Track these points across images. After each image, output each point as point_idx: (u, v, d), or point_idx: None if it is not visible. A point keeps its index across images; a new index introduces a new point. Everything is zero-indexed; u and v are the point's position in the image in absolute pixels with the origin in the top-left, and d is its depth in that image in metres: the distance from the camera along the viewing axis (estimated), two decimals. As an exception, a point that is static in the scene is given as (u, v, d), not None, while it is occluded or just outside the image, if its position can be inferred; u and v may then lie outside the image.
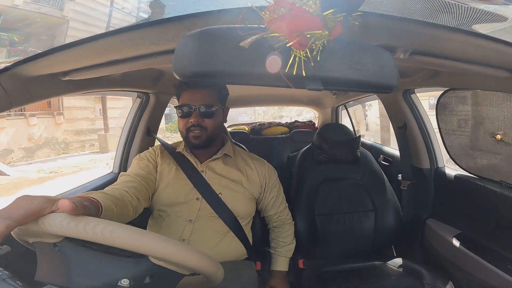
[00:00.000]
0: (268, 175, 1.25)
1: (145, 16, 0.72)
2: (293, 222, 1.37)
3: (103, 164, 9.07)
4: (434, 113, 1.47)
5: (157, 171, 1.16)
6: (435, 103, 1.44)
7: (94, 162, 9.58)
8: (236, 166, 1.21)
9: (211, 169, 1.17)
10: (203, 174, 1.15)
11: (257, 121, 4.86)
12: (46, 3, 0.76)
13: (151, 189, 1.11)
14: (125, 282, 0.58)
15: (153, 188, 1.13)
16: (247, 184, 1.19)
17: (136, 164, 1.15)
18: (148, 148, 1.26)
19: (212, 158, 1.18)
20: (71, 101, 11.43)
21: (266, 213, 1.30)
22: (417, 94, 1.65)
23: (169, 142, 1.30)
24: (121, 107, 12.79)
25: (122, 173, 1.11)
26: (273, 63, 0.51)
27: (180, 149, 1.19)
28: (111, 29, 0.72)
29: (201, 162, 1.18)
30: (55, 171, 8.34)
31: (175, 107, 1.14)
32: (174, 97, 1.87)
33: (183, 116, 1.11)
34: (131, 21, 0.73)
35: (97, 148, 11.43)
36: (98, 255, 0.61)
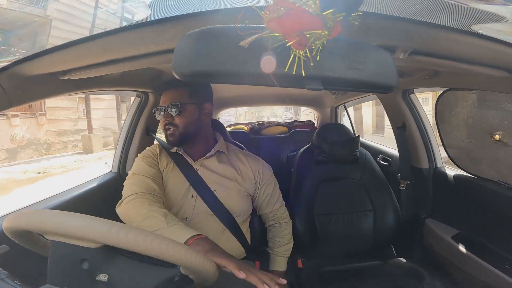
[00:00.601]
0: (262, 172, 1.25)
1: (129, 16, 0.72)
2: (290, 221, 1.36)
3: (89, 165, 9.08)
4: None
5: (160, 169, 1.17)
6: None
7: (80, 162, 9.54)
8: (230, 163, 1.21)
9: (205, 167, 1.17)
10: (197, 172, 1.16)
11: (240, 121, 4.87)
12: (30, 3, 0.75)
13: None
14: None
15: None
16: (241, 180, 1.19)
17: (144, 163, 1.13)
18: (147, 147, 1.26)
19: (205, 156, 1.18)
20: (53, 102, 11.25)
21: (262, 211, 1.30)
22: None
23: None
24: (104, 107, 12.78)
25: (135, 173, 1.09)
26: (273, 63, 0.51)
27: (175, 148, 1.20)
28: (95, 29, 0.72)
29: (194, 160, 1.18)
30: (43, 171, 8.31)
31: (154, 110, 1.17)
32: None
33: (158, 118, 1.15)
34: (116, 21, 0.73)
35: (80, 149, 11.34)
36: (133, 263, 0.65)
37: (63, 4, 0.82)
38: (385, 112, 1.83)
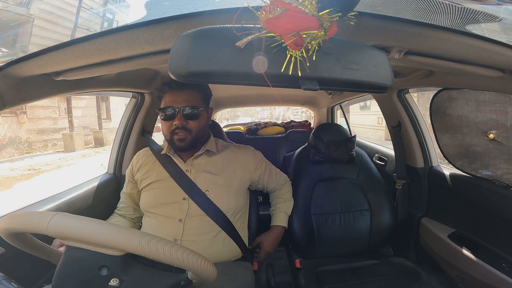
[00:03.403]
0: (254, 158, 1.28)
1: (111, 16, 0.72)
2: (290, 182, 1.48)
3: (75, 162, 9.10)
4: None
5: (137, 183, 1.23)
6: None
7: (65, 160, 9.49)
8: (221, 161, 1.21)
9: (196, 167, 1.17)
10: (188, 173, 1.15)
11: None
12: (14, 1, 0.75)
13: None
14: None
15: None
16: (234, 176, 1.19)
17: (126, 181, 1.30)
18: (143, 148, 1.28)
19: (194, 156, 1.18)
20: (34, 100, 11.17)
21: (268, 187, 1.37)
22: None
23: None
24: (83, 106, 12.77)
25: (122, 192, 1.31)
26: (269, 63, 0.51)
27: (165, 150, 1.20)
28: (78, 29, 0.72)
29: (185, 161, 1.18)
30: (32, 168, 8.28)
31: (158, 109, 1.13)
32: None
33: (166, 118, 1.10)
34: (98, 21, 0.73)
35: (60, 148, 11.26)
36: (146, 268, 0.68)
37: (46, 3, 0.81)
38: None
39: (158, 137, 1.60)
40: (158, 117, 1.30)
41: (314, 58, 0.52)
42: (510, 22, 0.67)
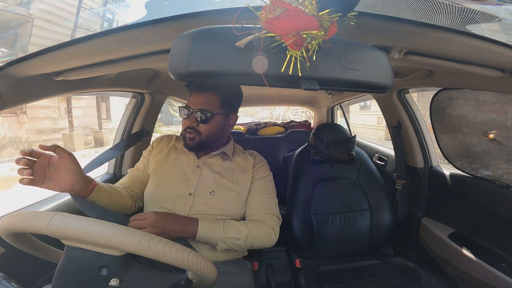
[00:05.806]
0: (260, 168, 1.23)
1: (111, 16, 0.73)
2: (273, 232, 1.12)
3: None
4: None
5: (149, 162, 1.22)
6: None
7: None
8: (234, 165, 1.20)
9: (208, 166, 1.17)
10: (198, 169, 1.15)
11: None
12: (13, 1, 0.75)
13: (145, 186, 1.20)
14: None
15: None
16: (243, 183, 1.18)
17: (140, 161, 1.27)
18: (143, 148, 1.28)
19: (209, 155, 1.18)
20: (34, 100, 11.21)
21: (249, 210, 1.17)
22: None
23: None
24: (83, 106, 12.75)
25: (130, 169, 1.27)
26: (269, 63, 0.51)
27: (181, 144, 1.20)
28: (78, 29, 0.72)
29: (198, 157, 1.18)
30: None
31: (179, 107, 1.15)
32: (170, 97, 1.86)
33: (183, 117, 1.13)
34: (98, 21, 0.73)
35: None
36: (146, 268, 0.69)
37: (46, 3, 0.81)
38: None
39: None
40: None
41: (314, 58, 0.52)
42: (510, 22, 0.67)
